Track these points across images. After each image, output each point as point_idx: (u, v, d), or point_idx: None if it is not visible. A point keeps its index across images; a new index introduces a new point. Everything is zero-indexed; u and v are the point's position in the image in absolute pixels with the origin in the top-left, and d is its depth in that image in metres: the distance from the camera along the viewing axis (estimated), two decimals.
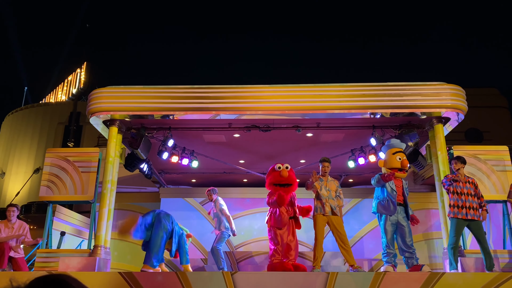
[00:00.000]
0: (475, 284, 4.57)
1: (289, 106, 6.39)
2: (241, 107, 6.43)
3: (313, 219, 5.61)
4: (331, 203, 5.51)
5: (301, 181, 9.29)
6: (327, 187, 5.62)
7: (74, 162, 6.80)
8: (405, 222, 5.42)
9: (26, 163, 19.25)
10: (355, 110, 6.35)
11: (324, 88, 6.45)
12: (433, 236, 8.62)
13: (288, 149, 7.88)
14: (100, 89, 6.67)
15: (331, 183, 5.69)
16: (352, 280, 4.65)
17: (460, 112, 6.33)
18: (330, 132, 7.17)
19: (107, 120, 6.68)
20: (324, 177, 5.73)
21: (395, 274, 4.93)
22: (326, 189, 5.60)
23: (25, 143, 19.84)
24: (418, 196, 9.03)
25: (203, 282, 4.67)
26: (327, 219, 5.51)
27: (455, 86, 6.35)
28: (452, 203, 5.36)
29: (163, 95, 6.50)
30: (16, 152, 20.06)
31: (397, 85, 6.34)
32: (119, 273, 4.78)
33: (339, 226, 5.48)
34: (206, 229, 8.95)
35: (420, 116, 6.51)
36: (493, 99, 18.78)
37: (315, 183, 5.61)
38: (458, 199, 5.31)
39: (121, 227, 5.66)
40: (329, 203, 5.50)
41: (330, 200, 5.53)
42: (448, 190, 5.45)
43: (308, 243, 8.76)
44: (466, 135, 16.51)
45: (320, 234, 5.51)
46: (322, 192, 5.58)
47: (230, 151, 8.00)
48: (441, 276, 4.65)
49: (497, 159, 6.67)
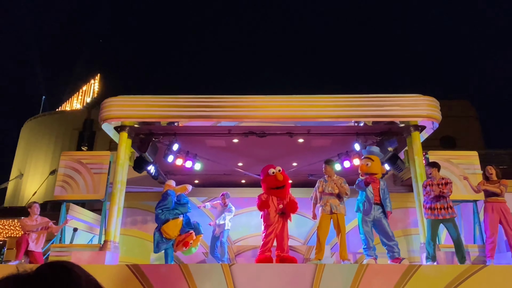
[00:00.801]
0: (448, 275, 4.59)
1: (282, 115, 6.43)
2: (239, 115, 6.46)
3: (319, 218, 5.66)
4: (331, 203, 5.52)
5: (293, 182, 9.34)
6: (329, 187, 5.63)
7: (86, 164, 6.76)
8: (382, 218, 5.49)
9: (43, 165, 19.11)
10: (341, 119, 6.40)
11: (314, 99, 6.49)
12: (411, 232, 8.62)
13: (282, 153, 7.90)
14: (112, 98, 6.66)
15: (332, 184, 5.67)
16: (338, 271, 4.65)
17: (435, 121, 6.40)
18: (319, 138, 7.20)
19: (117, 126, 6.67)
20: (329, 178, 5.73)
21: (376, 266, 4.94)
22: (329, 190, 5.61)
23: (42, 147, 19.72)
24: (397, 196, 9.04)
25: (204, 273, 4.65)
26: (330, 217, 5.54)
27: (430, 98, 6.43)
28: (426, 206, 5.47)
29: (169, 103, 6.51)
30: (33, 155, 19.94)
31: (378, 97, 6.40)
32: (127, 265, 4.75)
33: (338, 223, 5.52)
34: (208, 226, 8.93)
35: (399, 125, 6.57)
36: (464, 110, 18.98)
37: (319, 185, 5.69)
38: (430, 201, 5.41)
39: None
40: (329, 203, 5.53)
41: (331, 200, 5.55)
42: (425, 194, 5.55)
43: (299, 238, 8.76)
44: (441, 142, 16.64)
45: (319, 231, 5.53)
46: (324, 192, 5.61)
47: (229, 154, 8.00)
48: (418, 268, 4.67)
49: (468, 163, 6.73)
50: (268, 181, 5.69)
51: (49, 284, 0.70)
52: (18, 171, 19.93)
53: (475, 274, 4.58)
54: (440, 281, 4.56)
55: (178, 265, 4.79)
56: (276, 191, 5.63)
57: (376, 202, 5.54)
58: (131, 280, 4.61)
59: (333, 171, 5.80)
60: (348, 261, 5.33)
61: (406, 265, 4.76)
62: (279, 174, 5.63)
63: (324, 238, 5.51)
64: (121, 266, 4.81)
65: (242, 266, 4.82)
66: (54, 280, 0.71)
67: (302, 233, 8.86)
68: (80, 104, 23.07)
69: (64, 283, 0.71)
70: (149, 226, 9.03)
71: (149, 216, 9.17)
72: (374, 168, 5.68)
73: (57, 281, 0.71)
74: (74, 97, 23.62)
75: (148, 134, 6.90)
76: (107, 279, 4.60)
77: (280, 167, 5.82)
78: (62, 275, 0.72)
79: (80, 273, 0.74)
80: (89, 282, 0.75)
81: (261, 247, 5.50)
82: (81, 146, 18.52)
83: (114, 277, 4.64)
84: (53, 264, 0.75)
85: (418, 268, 4.65)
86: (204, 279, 4.60)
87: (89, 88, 23.28)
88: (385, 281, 4.56)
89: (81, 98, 23.26)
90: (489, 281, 4.54)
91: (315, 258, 5.40)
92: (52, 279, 0.71)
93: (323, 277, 4.56)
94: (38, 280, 0.70)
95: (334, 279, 4.56)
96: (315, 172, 8.74)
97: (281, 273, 4.68)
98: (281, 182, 5.60)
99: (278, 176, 5.58)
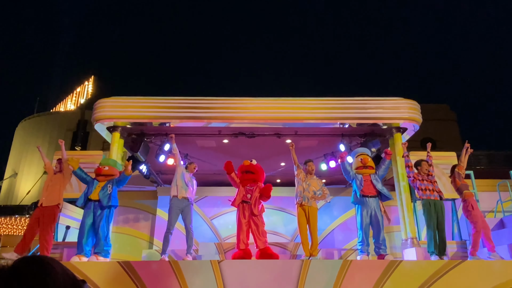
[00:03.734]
0: (428, 270, 4.64)
1: (271, 117, 6.42)
2: (229, 116, 6.43)
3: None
4: (305, 195, 5.56)
5: (281, 180, 9.34)
6: (307, 182, 5.67)
7: (79, 164, 6.64)
8: (378, 214, 5.32)
9: (37, 165, 18.75)
10: (327, 121, 6.43)
11: (301, 101, 6.51)
12: (393, 230, 8.71)
13: (270, 153, 7.90)
14: (105, 99, 6.57)
15: (314, 181, 5.71)
16: (323, 267, 4.66)
17: (416, 123, 6.48)
18: (306, 139, 7.23)
19: (110, 127, 6.57)
20: (310, 175, 5.78)
21: (360, 262, 4.96)
22: (307, 183, 5.65)
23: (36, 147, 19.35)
24: None
25: (194, 270, 4.61)
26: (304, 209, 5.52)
27: (411, 101, 6.51)
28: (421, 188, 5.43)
29: (160, 105, 6.45)
30: (28, 155, 19.56)
31: (362, 100, 6.45)
32: (118, 262, 4.67)
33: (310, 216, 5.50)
34: (198, 223, 8.87)
35: (382, 126, 6.64)
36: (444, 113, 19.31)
37: (300, 177, 5.73)
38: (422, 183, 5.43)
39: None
40: (303, 195, 5.56)
41: (305, 193, 5.57)
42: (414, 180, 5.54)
43: (286, 235, 8.77)
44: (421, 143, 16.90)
45: (299, 224, 5.54)
46: (303, 186, 5.61)
47: (219, 155, 7.97)
48: (399, 263, 4.71)
49: (447, 163, 6.83)
50: (239, 167, 5.91)
51: (24, 278, 0.67)
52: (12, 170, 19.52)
53: (454, 269, 4.65)
54: (420, 276, 4.61)
55: (168, 261, 4.73)
56: (243, 175, 5.73)
57: (372, 195, 5.43)
58: (122, 277, 4.54)
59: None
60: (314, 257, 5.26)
61: (388, 260, 4.79)
62: (247, 161, 5.85)
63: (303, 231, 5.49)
64: (112, 263, 4.73)
65: (231, 262, 4.78)
66: (29, 274, 0.68)
67: (290, 230, 8.88)
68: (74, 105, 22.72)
69: (39, 277, 0.68)
70: (141, 224, 8.93)
71: (141, 214, 9.07)
72: (371, 163, 5.69)
73: (32, 275, 0.68)
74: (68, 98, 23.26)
75: (140, 135, 6.82)
76: (99, 275, 4.53)
77: (255, 160, 5.99)
78: (38, 269, 0.69)
79: (57, 267, 0.72)
80: (66, 276, 0.72)
81: (237, 241, 5.53)
82: (75, 147, 18.24)
83: (106, 274, 4.56)
84: (29, 259, 0.72)
85: (399, 264, 4.69)
86: (194, 275, 4.56)
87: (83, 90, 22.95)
88: (367, 276, 4.59)
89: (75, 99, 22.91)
90: (467, 276, 4.61)
91: (306, 254, 5.36)
92: (27, 273, 0.68)
93: (308, 273, 4.57)
94: (13, 274, 0.68)
95: (319, 275, 4.57)
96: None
97: (269, 269, 4.67)
98: (246, 167, 5.75)
99: (245, 162, 5.82)
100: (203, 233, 8.76)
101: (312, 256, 5.28)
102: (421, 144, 16.60)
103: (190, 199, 5.80)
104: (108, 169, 5.40)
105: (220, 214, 8.96)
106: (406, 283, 4.55)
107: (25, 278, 0.68)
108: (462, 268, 4.67)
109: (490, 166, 13.51)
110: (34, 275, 0.68)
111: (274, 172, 8.57)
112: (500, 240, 6.12)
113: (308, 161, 5.90)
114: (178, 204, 5.66)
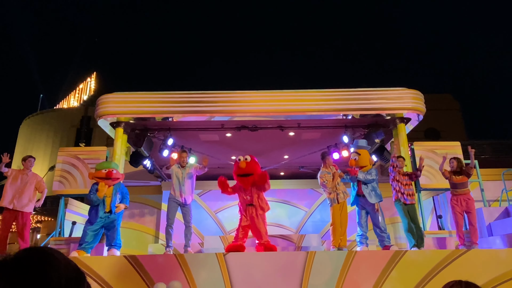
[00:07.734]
0: (433, 260, 4.64)
1: (273, 109, 6.38)
2: (232, 110, 6.40)
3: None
4: (337, 191, 5.64)
5: (285, 173, 9.34)
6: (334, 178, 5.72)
7: (84, 160, 6.67)
8: (370, 210, 5.55)
9: (42, 162, 18.85)
10: (330, 112, 6.38)
11: (304, 93, 6.46)
12: (398, 220, 8.70)
13: (273, 146, 7.88)
14: (107, 95, 6.55)
15: (336, 175, 5.76)
16: (328, 258, 4.66)
17: (419, 113, 6.42)
18: (309, 131, 7.19)
19: (113, 122, 6.57)
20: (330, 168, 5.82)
21: (365, 253, 4.97)
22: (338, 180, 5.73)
23: (40, 144, 19.45)
24: (385, 186, 9.08)
25: (199, 263, 4.63)
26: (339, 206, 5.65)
27: (414, 91, 6.43)
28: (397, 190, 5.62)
29: (163, 99, 6.42)
30: (32, 152, 19.64)
31: (366, 91, 6.39)
32: (124, 256, 4.71)
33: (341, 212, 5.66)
34: (203, 217, 8.91)
35: (385, 117, 6.58)
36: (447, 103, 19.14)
37: (326, 175, 5.71)
38: (399, 186, 5.58)
39: None
40: (335, 193, 5.64)
41: (338, 188, 5.67)
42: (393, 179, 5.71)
43: (291, 228, 8.79)
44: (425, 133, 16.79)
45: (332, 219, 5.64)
46: (332, 184, 5.68)
47: (223, 148, 7.96)
48: (404, 253, 4.71)
49: (451, 153, 6.77)
50: (234, 168, 5.40)
51: (26, 268, 0.67)
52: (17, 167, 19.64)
53: (459, 259, 4.64)
54: (426, 265, 4.60)
55: (174, 255, 4.76)
56: (239, 179, 5.28)
57: (361, 194, 5.60)
58: (129, 271, 4.57)
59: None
60: (344, 248, 5.39)
61: (393, 251, 4.79)
62: (242, 162, 5.27)
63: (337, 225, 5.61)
64: (119, 257, 4.76)
65: (236, 255, 4.80)
66: (31, 265, 0.67)
67: (294, 223, 8.90)
68: (77, 101, 22.77)
69: (42, 267, 0.67)
70: (146, 219, 8.98)
71: (146, 209, 9.11)
72: (362, 161, 5.70)
73: (34, 266, 0.67)
74: (71, 95, 23.30)
75: (143, 130, 6.82)
76: (106, 270, 4.56)
77: (249, 156, 5.42)
78: (40, 259, 0.69)
79: (59, 257, 0.71)
80: (68, 266, 0.71)
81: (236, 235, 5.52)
82: (79, 143, 18.31)
83: (113, 268, 4.60)
84: (31, 249, 0.71)
85: (404, 254, 4.69)
86: (200, 268, 4.58)
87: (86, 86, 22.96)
88: (373, 266, 4.59)
89: (78, 96, 22.95)
90: (472, 265, 4.60)
91: (336, 246, 5.49)
92: (29, 263, 0.67)
93: (314, 264, 4.58)
94: (15, 264, 0.67)
95: (324, 266, 4.57)
96: (306, 164, 8.75)
97: (274, 261, 4.68)
98: (242, 170, 5.20)
99: (241, 164, 5.23)
100: (208, 226, 8.80)
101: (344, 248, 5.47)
102: (424, 134, 16.50)
103: (186, 200, 5.87)
104: (116, 172, 5.44)
105: (225, 208, 8.98)
106: (411, 272, 4.55)
107: (27, 269, 0.67)
108: (467, 257, 4.65)
109: (495, 155, 13.42)
110: (36, 265, 0.67)
111: (277, 165, 8.55)
112: (505, 229, 6.08)
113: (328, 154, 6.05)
114: (176, 201, 5.92)
